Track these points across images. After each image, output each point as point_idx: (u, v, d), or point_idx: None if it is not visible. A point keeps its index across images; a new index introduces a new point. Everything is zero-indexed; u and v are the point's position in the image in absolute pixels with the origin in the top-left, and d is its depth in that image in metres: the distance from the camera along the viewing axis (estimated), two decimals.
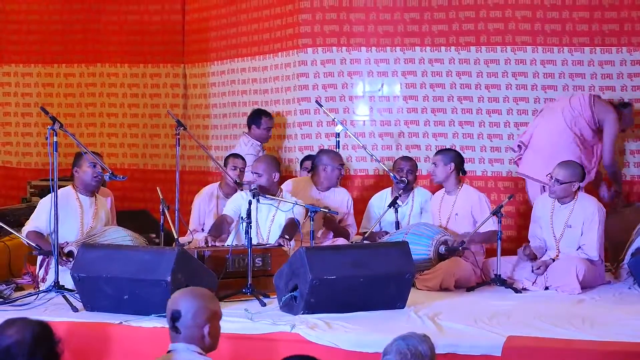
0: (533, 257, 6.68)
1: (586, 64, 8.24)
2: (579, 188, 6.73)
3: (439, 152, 7.27)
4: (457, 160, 7.09)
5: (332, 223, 7.39)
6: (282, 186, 7.19)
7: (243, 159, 7.89)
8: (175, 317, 3.81)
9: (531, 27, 8.31)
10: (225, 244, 6.60)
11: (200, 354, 3.78)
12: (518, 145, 7.82)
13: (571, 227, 6.67)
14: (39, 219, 6.32)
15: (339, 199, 7.52)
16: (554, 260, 6.62)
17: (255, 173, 6.84)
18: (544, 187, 7.32)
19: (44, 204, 6.36)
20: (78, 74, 10.67)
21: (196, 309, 3.82)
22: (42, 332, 3.41)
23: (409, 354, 3.41)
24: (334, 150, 7.97)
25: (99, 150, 10.00)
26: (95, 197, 6.54)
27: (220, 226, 6.74)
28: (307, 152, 8.50)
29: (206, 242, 6.41)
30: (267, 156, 7.25)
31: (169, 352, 3.81)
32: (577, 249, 6.66)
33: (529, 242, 6.92)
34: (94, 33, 10.61)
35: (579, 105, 7.62)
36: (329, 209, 6.93)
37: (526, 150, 7.73)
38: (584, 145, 7.56)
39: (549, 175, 6.71)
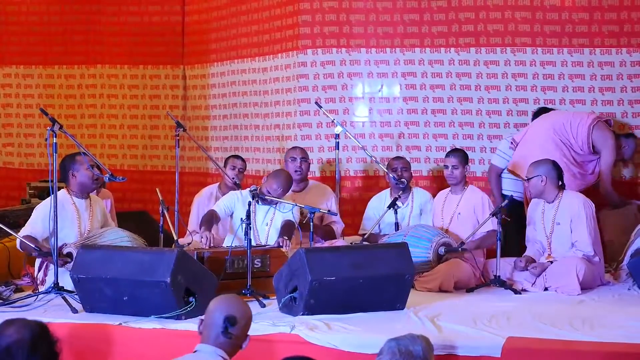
0: (531, 263, 6.69)
1: (586, 65, 8.24)
2: (561, 186, 6.74)
3: (454, 154, 7.16)
4: (467, 160, 7.14)
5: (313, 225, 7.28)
6: None
7: (243, 160, 7.89)
8: (229, 323, 3.78)
9: (531, 28, 8.31)
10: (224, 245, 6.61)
11: (225, 359, 3.78)
12: (511, 143, 7.86)
13: (559, 224, 6.69)
14: (34, 226, 6.26)
15: (318, 197, 7.43)
16: (551, 262, 6.62)
17: (279, 195, 6.78)
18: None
19: (40, 210, 6.30)
20: (78, 75, 10.69)
21: (248, 317, 3.88)
22: (41, 332, 3.42)
23: (397, 354, 3.43)
24: (298, 146, 7.87)
25: (99, 152, 10.04)
26: (90, 198, 6.50)
27: (210, 220, 6.72)
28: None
29: (206, 240, 6.41)
30: (290, 177, 7.03)
31: (195, 351, 3.80)
32: (571, 248, 6.66)
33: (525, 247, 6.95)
34: (94, 34, 10.63)
35: (576, 126, 7.58)
36: (329, 211, 6.93)
37: (517, 149, 7.75)
38: (573, 158, 7.55)
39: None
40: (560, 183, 6.76)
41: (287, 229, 6.65)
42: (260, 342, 5.07)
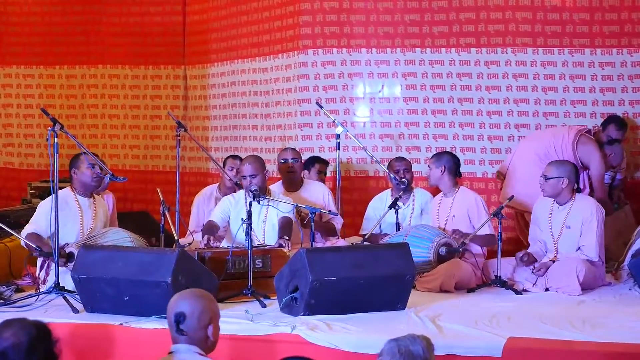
0: (532, 262, 6.67)
1: (586, 65, 8.24)
2: (576, 189, 6.72)
3: (433, 156, 7.29)
4: (449, 163, 7.05)
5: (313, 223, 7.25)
6: (273, 188, 7.20)
7: (242, 159, 7.88)
8: (179, 320, 3.80)
9: (531, 28, 8.32)
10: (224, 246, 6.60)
11: (201, 354, 3.79)
12: (497, 176, 7.80)
13: (570, 227, 6.67)
14: (38, 222, 6.29)
15: (313, 195, 7.39)
16: (553, 261, 6.62)
17: (251, 175, 6.76)
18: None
19: (43, 207, 6.33)
20: (79, 75, 10.69)
21: (200, 310, 3.84)
22: (39, 334, 3.39)
23: (398, 354, 3.43)
24: (290, 147, 7.86)
25: (100, 152, 10.03)
26: (94, 198, 6.52)
27: (211, 230, 6.72)
28: (307, 154, 8.46)
29: (208, 242, 6.40)
30: (255, 156, 7.08)
31: (170, 353, 3.81)
32: (577, 250, 6.66)
33: (528, 245, 6.93)
34: (95, 35, 10.64)
35: (560, 148, 7.47)
36: (330, 211, 6.93)
37: (506, 181, 7.66)
38: None
39: (542, 176, 6.74)
40: (575, 186, 6.74)
41: (286, 228, 6.64)
42: (261, 342, 5.08)
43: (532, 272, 6.60)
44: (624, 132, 7.91)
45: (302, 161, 7.68)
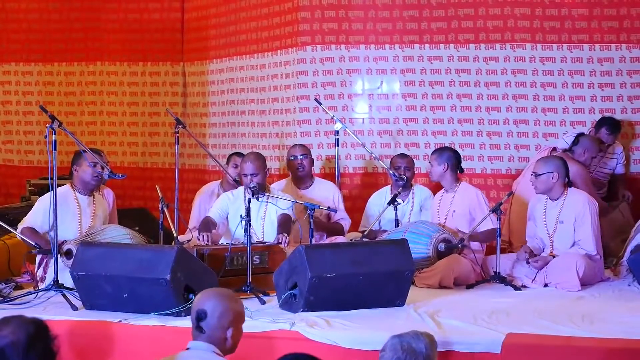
0: (534, 256, 6.66)
1: (585, 61, 8.24)
2: (567, 183, 6.71)
3: (434, 152, 7.25)
4: (451, 159, 7.05)
5: (319, 223, 7.23)
6: (273, 186, 7.19)
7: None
8: (200, 317, 3.81)
9: (530, 24, 8.32)
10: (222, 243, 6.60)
11: (219, 354, 3.78)
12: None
13: (563, 222, 6.67)
14: (35, 217, 6.30)
15: (323, 194, 7.42)
16: (553, 257, 6.61)
17: (252, 174, 6.76)
18: None
19: (41, 203, 6.34)
20: (78, 72, 10.68)
21: (222, 310, 3.83)
22: (37, 332, 3.38)
23: (400, 350, 3.43)
24: (299, 143, 7.87)
25: (99, 149, 10.02)
26: (94, 197, 6.52)
27: (207, 226, 6.72)
28: None
29: (203, 239, 6.40)
30: (257, 154, 7.10)
31: (187, 348, 3.81)
32: (572, 246, 6.66)
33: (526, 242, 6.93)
34: (93, 31, 10.62)
35: None
36: (329, 207, 6.92)
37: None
38: None
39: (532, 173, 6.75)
40: (567, 181, 6.73)
41: (285, 224, 6.64)
42: (260, 339, 5.08)
43: (527, 262, 6.59)
44: (615, 136, 7.94)
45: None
